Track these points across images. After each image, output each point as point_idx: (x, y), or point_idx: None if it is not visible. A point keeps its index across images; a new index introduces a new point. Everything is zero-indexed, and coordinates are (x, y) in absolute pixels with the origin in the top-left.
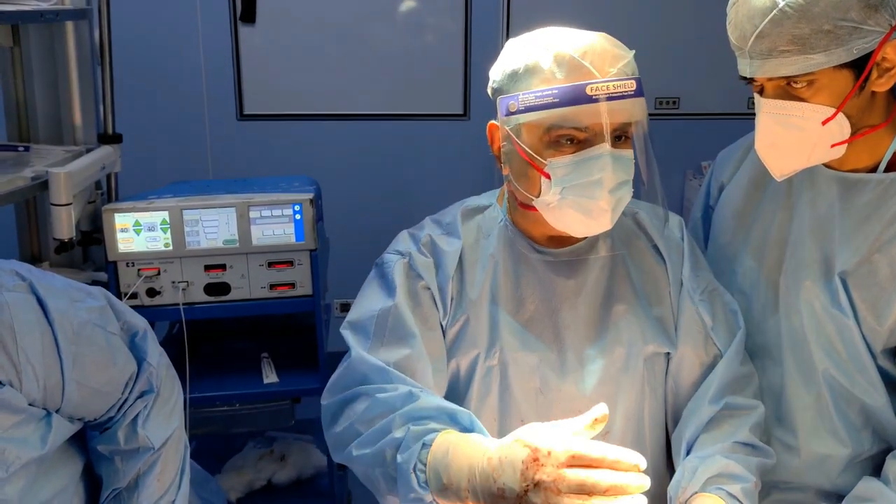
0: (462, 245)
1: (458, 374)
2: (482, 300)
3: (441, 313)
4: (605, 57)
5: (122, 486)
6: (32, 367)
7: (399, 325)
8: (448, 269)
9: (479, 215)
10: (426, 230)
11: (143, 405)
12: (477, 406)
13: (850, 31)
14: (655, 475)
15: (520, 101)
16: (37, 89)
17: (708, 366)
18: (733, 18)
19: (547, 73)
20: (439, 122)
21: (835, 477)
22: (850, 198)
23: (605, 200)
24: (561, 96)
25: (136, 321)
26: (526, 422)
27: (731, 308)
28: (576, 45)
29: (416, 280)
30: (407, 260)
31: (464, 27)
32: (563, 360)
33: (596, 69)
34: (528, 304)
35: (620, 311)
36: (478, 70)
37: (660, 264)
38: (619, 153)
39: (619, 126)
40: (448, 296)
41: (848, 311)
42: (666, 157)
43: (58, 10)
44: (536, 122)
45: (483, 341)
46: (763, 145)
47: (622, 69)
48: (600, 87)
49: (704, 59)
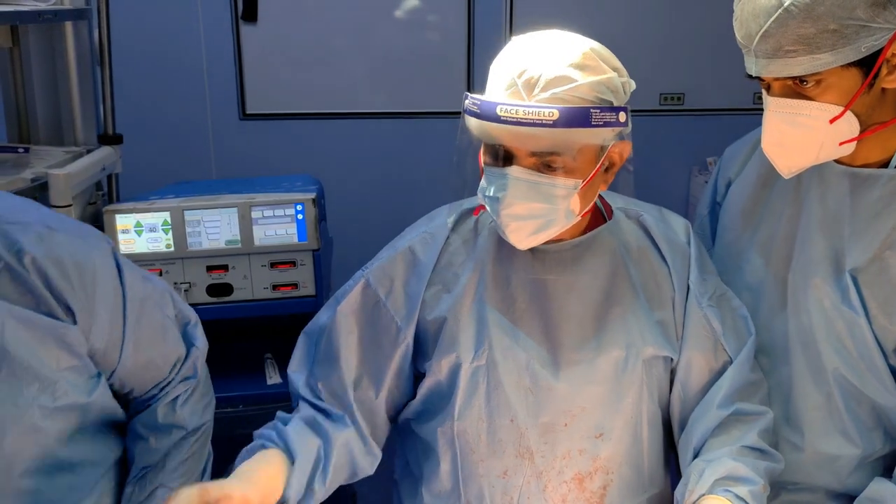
0: (446, 248)
1: (440, 376)
2: (465, 300)
3: (404, 324)
4: (543, 80)
5: (151, 463)
6: (103, 317)
7: (330, 346)
8: (422, 279)
9: (473, 215)
10: (409, 236)
11: (184, 388)
12: (463, 406)
13: (857, 30)
14: (653, 478)
15: (466, 103)
16: (36, 90)
17: (717, 372)
18: (739, 16)
19: (491, 84)
20: (443, 120)
21: (845, 477)
22: (860, 194)
23: (504, 219)
24: (481, 109)
25: (189, 312)
26: (516, 422)
27: (740, 313)
28: (526, 62)
29: (370, 298)
30: (365, 279)
31: (466, 25)
32: (554, 359)
33: (526, 91)
34: (519, 301)
35: (619, 312)
36: (481, 68)
37: (664, 268)
38: (528, 178)
39: (538, 152)
40: (418, 303)
41: (858, 309)
42: (671, 153)
43: (57, 10)
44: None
45: (468, 341)
46: (770, 144)
47: (559, 95)
48: (510, 109)
49: (709, 55)
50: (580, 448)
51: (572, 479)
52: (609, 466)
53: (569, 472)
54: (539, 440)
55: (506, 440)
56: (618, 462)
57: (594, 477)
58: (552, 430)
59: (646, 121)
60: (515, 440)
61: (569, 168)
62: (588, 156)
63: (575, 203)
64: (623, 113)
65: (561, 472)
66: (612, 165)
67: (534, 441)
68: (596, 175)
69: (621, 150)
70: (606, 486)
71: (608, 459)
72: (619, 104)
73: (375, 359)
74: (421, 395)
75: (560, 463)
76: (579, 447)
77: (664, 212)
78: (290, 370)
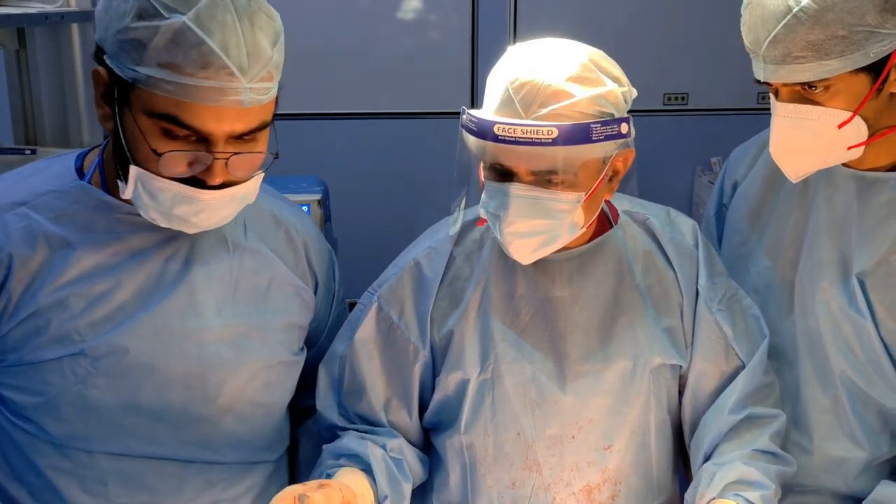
0: (451, 262)
1: (448, 391)
2: (470, 313)
3: (419, 343)
4: (541, 96)
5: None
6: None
7: (354, 375)
8: (429, 296)
9: (478, 226)
10: (413, 252)
11: None
12: (469, 421)
13: (866, 36)
14: (662, 486)
15: (463, 118)
16: (43, 92)
17: (729, 376)
18: (747, 21)
19: (488, 99)
20: (447, 121)
21: (851, 480)
22: (868, 197)
23: (506, 237)
24: (478, 127)
25: None
26: (523, 435)
27: (752, 313)
28: (522, 76)
29: (383, 322)
30: (376, 302)
31: (470, 24)
32: (560, 371)
33: (523, 108)
34: (524, 313)
35: (625, 321)
36: (485, 67)
37: (670, 273)
38: (529, 195)
39: (537, 171)
40: (427, 320)
41: (865, 312)
42: (675, 153)
43: (62, 12)
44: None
45: (474, 356)
46: (778, 149)
47: (558, 111)
48: (508, 129)
49: (713, 55)
50: (588, 460)
51: (581, 491)
52: (617, 477)
53: (577, 484)
54: (546, 453)
55: (512, 453)
56: (626, 472)
57: (602, 488)
58: (560, 443)
59: (649, 121)
60: (522, 453)
61: (570, 182)
62: (590, 169)
63: (579, 216)
64: (625, 124)
65: (569, 483)
66: (615, 174)
67: (541, 454)
68: (599, 186)
69: (625, 158)
70: (615, 497)
71: (616, 470)
72: (620, 115)
73: (400, 381)
74: (431, 408)
75: (568, 475)
76: (588, 459)
77: (672, 213)
78: (319, 406)
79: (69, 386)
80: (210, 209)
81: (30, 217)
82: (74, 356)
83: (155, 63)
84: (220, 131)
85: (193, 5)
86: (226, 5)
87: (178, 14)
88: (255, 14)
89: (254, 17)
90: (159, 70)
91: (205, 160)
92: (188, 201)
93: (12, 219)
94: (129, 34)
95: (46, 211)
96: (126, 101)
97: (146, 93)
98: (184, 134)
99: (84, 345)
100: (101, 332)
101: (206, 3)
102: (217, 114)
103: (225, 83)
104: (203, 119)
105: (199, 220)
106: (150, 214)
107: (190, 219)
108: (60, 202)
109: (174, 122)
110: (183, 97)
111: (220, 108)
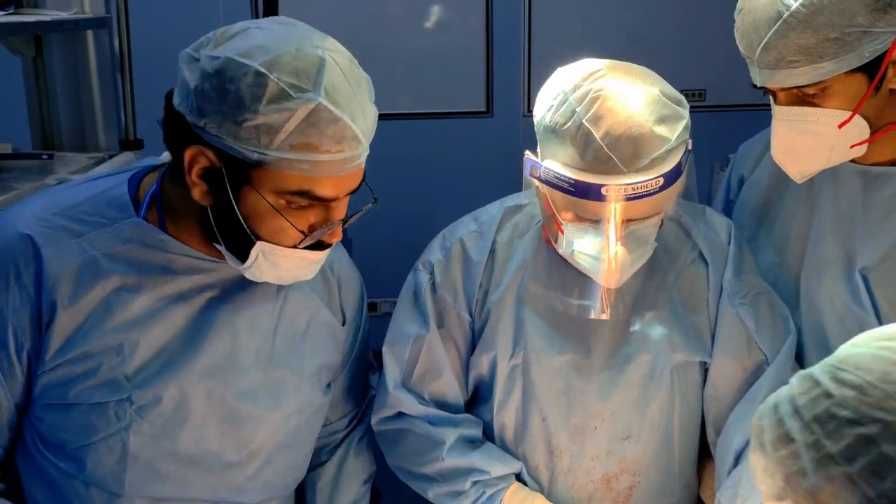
0: (493, 246)
1: (482, 370)
2: (507, 299)
3: (468, 324)
4: (639, 145)
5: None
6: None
7: (431, 357)
8: (475, 278)
9: (518, 213)
10: (459, 232)
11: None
12: (501, 401)
13: (858, 36)
14: (684, 484)
15: (542, 172)
16: (59, 97)
17: (751, 371)
18: (740, 27)
19: (573, 152)
20: (462, 120)
21: None
22: (872, 192)
23: (606, 277)
24: (576, 187)
25: None
26: (547, 422)
27: (780, 312)
28: (611, 125)
29: (440, 303)
30: (430, 282)
31: (485, 24)
32: (588, 364)
33: (623, 162)
34: (556, 304)
35: (650, 318)
36: (500, 67)
37: (702, 270)
38: (630, 232)
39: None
40: (474, 301)
41: (869, 308)
42: (693, 149)
43: (78, 19)
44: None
45: (506, 340)
46: (780, 152)
47: (656, 160)
48: (618, 188)
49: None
50: (608, 450)
51: (600, 480)
52: (636, 468)
53: (597, 473)
54: (569, 440)
55: (537, 437)
56: (645, 465)
57: (620, 478)
58: (582, 432)
59: None
60: (546, 438)
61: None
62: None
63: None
64: (689, 140)
65: (589, 472)
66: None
67: (563, 441)
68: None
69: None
70: (633, 488)
71: (635, 462)
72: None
73: (459, 360)
74: (468, 386)
75: (588, 464)
76: (607, 449)
77: (708, 211)
78: (392, 387)
79: (112, 430)
80: (317, 266)
81: (86, 252)
82: (120, 402)
83: (288, 145)
84: (343, 194)
85: (319, 82)
86: (340, 74)
87: (307, 93)
88: (360, 75)
89: (360, 79)
90: (292, 151)
91: (332, 225)
92: (306, 264)
93: (69, 249)
94: (257, 119)
95: (102, 245)
96: (246, 180)
97: (275, 173)
98: (307, 203)
99: (132, 392)
100: (148, 379)
101: (329, 78)
102: (342, 179)
103: (354, 152)
104: (333, 189)
105: (305, 275)
106: (262, 279)
107: (301, 278)
108: (116, 239)
109: (305, 197)
110: (317, 173)
111: (345, 175)
